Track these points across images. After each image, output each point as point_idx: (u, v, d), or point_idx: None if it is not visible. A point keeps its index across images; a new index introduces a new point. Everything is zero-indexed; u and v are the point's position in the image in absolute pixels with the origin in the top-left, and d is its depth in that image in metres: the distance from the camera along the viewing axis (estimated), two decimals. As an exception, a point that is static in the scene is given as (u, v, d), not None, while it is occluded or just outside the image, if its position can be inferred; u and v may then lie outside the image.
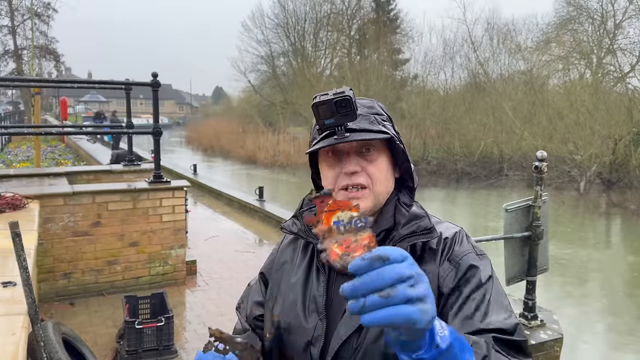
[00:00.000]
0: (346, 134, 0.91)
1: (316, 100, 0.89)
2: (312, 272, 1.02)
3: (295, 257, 1.07)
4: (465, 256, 0.97)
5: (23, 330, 1.92)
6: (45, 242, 4.27)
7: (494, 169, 18.67)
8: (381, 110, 1.02)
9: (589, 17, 23.75)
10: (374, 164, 0.97)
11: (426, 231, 0.97)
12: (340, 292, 0.66)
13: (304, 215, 1.04)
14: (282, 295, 1.04)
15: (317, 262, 1.01)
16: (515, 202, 3.39)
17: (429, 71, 26.38)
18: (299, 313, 0.98)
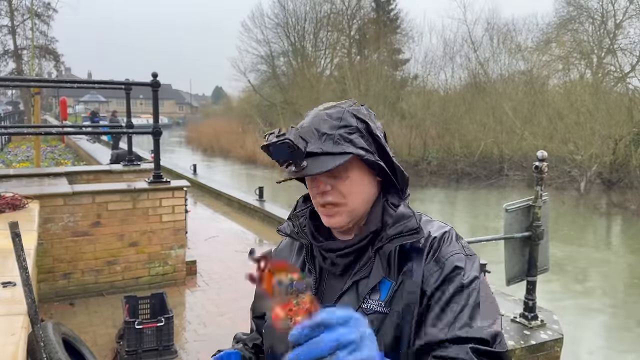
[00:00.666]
0: (303, 164, 0.92)
1: (263, 144, 0.91)
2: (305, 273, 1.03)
3: (291, 258, 1.09)
4: (451, 257, 0.96)
5: (23, 331, 1.92)
6: (45, 242, 4.26)
7: (494, 169, 18.67)
8: (352, 121, 0.97)
9: (589, 17, 23.75)
10: (343, 182, 0.97)
11: (412, 232, 0.97)
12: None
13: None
14: None
15: (307, 261, 1.05)
16: (515, 202, 3.39)
17: (429, 71, 26.38)
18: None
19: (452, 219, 13.44)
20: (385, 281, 0.96)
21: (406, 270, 0.95)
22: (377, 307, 0.94)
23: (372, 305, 0.95)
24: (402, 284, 0.95)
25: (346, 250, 1.00)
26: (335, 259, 1.00)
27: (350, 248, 1.00)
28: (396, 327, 0.93)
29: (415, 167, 19.35)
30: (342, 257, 1.00)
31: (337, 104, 1.01)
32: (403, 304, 0.94)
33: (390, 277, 0.96)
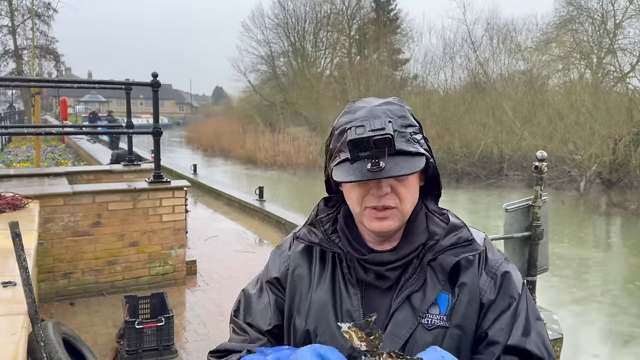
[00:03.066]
0: (381, 164, 0.83)
1: (351, 137, 0.82)
2: (338, 285, 0.96)
3: (312, 267, 1.00)
4: (500, 266, 0.97)
5: (23, 330, 1.92)
6: (46, 242, 4.27)
7: (494, 169, 18.67)
8: (413, 119, 0.94)
9: (589, 17, 23.74)
10: (404, 184, 0.91)
11: (467, 243, 0.96)
12: None
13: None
14: (307, 308, 0.97)
15: (346, 273, 0.95)
16: (515, 202, 3.39)
17: (429, 71, 26.40)
18: (333, 329, 0.92)
19: (452, 219, 13.45)
20: (442, 294, 0.93)
21: (461, 283, 0.93)
22: (439, 322, 0.91)
23: (434, 320, 0.91)
24: (459, 296, 0.92)
25: (398, 263, 0.93)
26: (385, 272, 0.93)
27: (402, 260, 0.94)
28: (457, 340, 0.92)
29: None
30: (393, 270, 0.93)
31: (385, 100, 0.93)
32: (461, 317, 0.92)
33: (446, 290, 0.93)
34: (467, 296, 0.93)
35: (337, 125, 0.94)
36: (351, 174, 0.86)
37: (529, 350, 0.89)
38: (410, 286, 0.93)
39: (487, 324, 0.93)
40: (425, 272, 0.93)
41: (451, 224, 0.99)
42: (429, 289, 0.92)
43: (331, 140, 0.95)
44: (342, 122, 0.92)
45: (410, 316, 0.91)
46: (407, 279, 0.93)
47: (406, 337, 0.90)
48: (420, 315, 0.91)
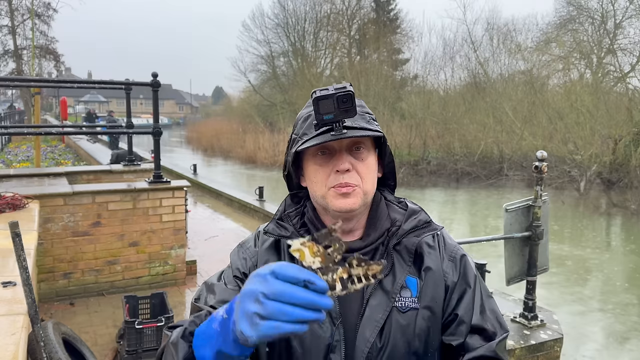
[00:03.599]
0: (344, 131, 0.90)
1: (317, 95, 0.87)
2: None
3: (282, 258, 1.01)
4: (458, 250, 1.05)
5: (23, 330, 1.92)
6: (45, 242, 4.27)
7: (494, 169, 18.66)
8: (369, 110, 1.03)
9: (589, 17, 23.75)
10: (364, 163, 0.96)
11: (426, 224, 1.02)
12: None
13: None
14: None
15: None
16: (515, 202, 3.39)
17: (429, 71, 26.39)
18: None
19: (452, 219, 13.44)
20: (411, 279, 0.98)
21: (426, 267, 0.99)
22: (411, 304, 0.96)
23: (407, 302, 0.96)
24: (426, 279, 0.98)
25: (367, 249, 0.99)
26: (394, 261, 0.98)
27: (371, 246, 0.99)
28: (428, 321, 0.97)
29: (415, 167, 19.36)
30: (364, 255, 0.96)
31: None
32: (430, 299, 0.98)
33: (413, 274, 0.98)
34: (433, 279, 0.99)
35: (300, 115, 1.01)
36: (315, 139, 0.92)
37: (485, 328, 0.98)
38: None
39: (453, 305, 0.99)
40: (392, 256, 0.99)
41: (410, 209, 1.05)
42: (398, 271, 0.97)
43: (293, 132, 1.01)
44: (306, 111, 1.00)
45: (385, 300, 0.95)
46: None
47: (383, 320, 0.94)
48: (393, 297, 0.95)
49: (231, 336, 0.71)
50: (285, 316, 0.65)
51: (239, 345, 0.71)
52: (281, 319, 0.65)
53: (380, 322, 0.94)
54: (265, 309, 0.65)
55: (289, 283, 0.66)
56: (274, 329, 0.65)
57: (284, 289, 0.65)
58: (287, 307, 0.65)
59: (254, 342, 0.67)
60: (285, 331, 0.65)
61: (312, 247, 0.71)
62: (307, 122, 0.97)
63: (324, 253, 0.71)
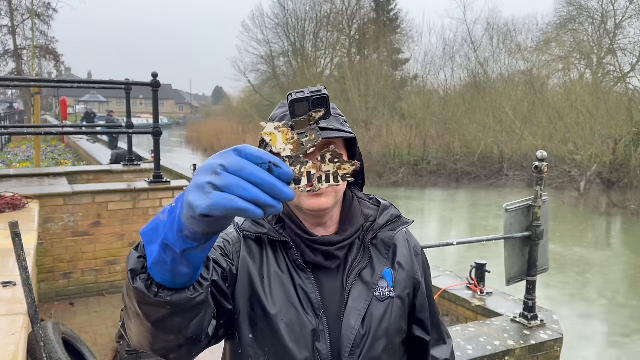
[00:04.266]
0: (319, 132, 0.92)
1: (292, 97, 0.87)
2: (292, 270, 1.01)
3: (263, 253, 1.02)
4: (418, 245, 1.15)
5: (23, 330, 1.92)
6: (45, 242, 4.27)
7: (494, 169, 18.66)
8: (341, 112, 1.07)
9: (589, 17, 23.75)
10: None
11: (397, 218, 1.10)
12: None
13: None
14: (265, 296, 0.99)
15: (296, 258, 1.01)
16: (515, 202, 3.39)
17: (429, 71, 26.39)
18: (298, 310, 0.99)
19: (451, 219, 13.44)
20: (386, 270, 1.06)
21: (399, 261, 1.08)
22: (389, 293, 1.04)
23: (385, 292, 1.04)
24: (398, 271, 1.07)
25: (345, 243, 1.03)
26: (334, 252, 1.02)
27: (348, 240, 1.04)
28: (401, 309, 1.06)
29: (415, 167, 19.36)
30: (341, 249, 1.03)
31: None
32: (402, 290, 1.07)
33: (388, 266, 1.07)
34: (405, 271, 1.08)
35: (274, 115, 1.03)
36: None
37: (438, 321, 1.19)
38: (358, 264, 1.03)
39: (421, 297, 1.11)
40: (369, 250, 1.05)
41: (382, 205, 1.11)
42: (376, 264, 1.05)
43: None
44: (280, 111, 1.02)
45: (365, 290, 1.02)
46: (354, 259, 1.04)
47: (365, 309, 1.01)
48: (373, 288, 1.02)
49: (177, 224, 0.63)
50: (242, 191, 0.57)
51: (183, 237, 0.63)
52: (237, 193, 0.57)
53: (363, 311, 1.00)
54: (222, 179, 0.58)
55: (252, 163, 0.60)
56: (227, 201, 0.57)
57: (245, 165, 0.59)
58: (245, 183, 0.58)
59: (201, 212, 0.58)
60: (239, 207, 0.57)
61: (285, 132, 0.65)
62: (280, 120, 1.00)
63: (297, 141, 0.65)
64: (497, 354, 3.03)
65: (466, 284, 4.09)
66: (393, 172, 18.30)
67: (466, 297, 3.91)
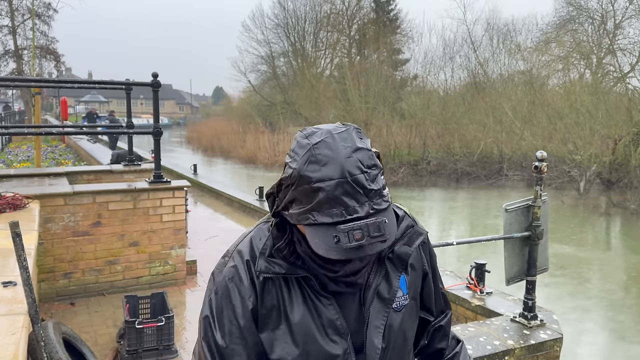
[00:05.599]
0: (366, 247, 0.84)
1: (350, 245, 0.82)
2: (310, 301, 0.97)
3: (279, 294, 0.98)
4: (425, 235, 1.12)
5: (23, 330, 1.92)
6: (46, 242, 4.27)
7: (494, 169, 18.66)
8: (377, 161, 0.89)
9: (588, 17, 23.75)
10: None
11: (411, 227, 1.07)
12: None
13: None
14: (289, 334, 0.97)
15: (318, 290, 0.97)
16: (515, 202, 3.40)
17: (429, 71, 26.37)
18: (319, 341, 0.96)
19: (451, 219, 13.45)
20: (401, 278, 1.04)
21: (411, 264, 1.07)
22: (404, 301, 1.04)
23: (401, 302, 1.03)
24: (411, 274, 1.07)
25: (365, 269, 0.99)
26: (357, 280, 0.98)
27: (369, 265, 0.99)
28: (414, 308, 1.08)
29: (415, 167, 19.36)
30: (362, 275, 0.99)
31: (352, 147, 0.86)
32: (414, 290, 1.08)
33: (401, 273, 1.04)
34: (415, 271, 1.08)
35: (304, 175, 0.85)
36: (332, 249, 0.84)
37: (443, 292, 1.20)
38: (374, 280, 1.00)
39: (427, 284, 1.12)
40: (384, 264, 1.02)
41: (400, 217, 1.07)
42: (392, 278, 1.02)
43: (293, 186, 0.88)
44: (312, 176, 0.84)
45: (383, 306, 1.00)
46: (370, 275, 1.01)
47: (384, 325, 1.00)
48: (390, 304, 1.01)
49: None
50: None
51: None
52: None
53: (382, 327, 0.99)
54: None
55: None
56: None
57: None
58: None
59: None
60: None
61: None
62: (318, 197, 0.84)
63: None
64: (497, 354, 3.04)
65: (466, 283, 4.09)
66: (393, 172, 18.30)
67: (466, 296, 3.91)
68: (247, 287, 0.97)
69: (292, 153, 0.90)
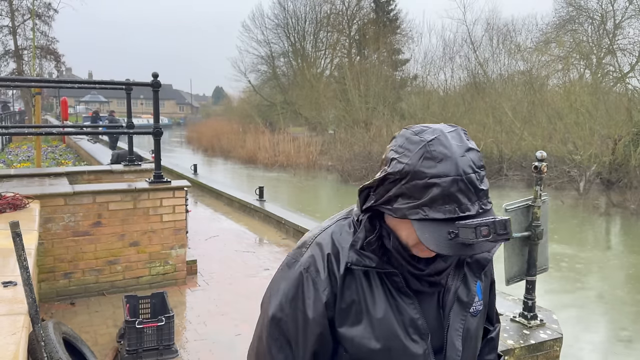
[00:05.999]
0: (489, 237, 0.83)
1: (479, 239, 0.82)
2: (392, 298, 0.97)
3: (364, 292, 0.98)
4: None
5: (24, 330, 1.92)
6: (46, 242, 4.27)
7: (494, 169, 18.66)
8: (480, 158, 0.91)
9: (588, 18, 23.76)
10: None
11: None
12: None
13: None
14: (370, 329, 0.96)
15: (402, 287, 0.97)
16: (515, 202, 3.40)
17: (429, 71, 26.39)
18: (402, 339, 0.96)
19: (452, 219, 13.42)
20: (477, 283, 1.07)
21: (485, 270, 1.08)
22: (479, 307, 1.06)
23: (477, 307, 1.05)
24: (484, 281, 1.10)
25: (449, 269, 1.00)
26: (440, 280, 0.99)
27: (452, 265, 1.01)
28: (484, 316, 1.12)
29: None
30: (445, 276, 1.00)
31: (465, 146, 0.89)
32: (486, 297, 1.11)
33: (478, 279, 1.07)
34: (487, 278, 1.12)
35: (418, 170, 0.86)
36: (444, 244, 0.85)
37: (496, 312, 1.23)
38: (453, 283, 1.02)
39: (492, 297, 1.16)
40: (463, 269, 1.03)
41: None
42: (470, 282, 1.04)
43: (403, 181, 0.88)
44: (427, 172, 0.86)
45: (462, 310, 1.02)
46: (447, 278, 1.02)
47: (462, 329, 1.02)
48: (468, 308, 1.03)
49: None
50: None
51: None
52: None
53: (461, 330, 1.02)
54: None
55: None
56: None
57: None
58: None
59: None
60: None
61: None
62: (431, 193, 0.85)
63: None
64: (497, 354, 3.04)
65: (466, 283, 4.09)
66: (393, 172, 18.29)
67: (466, 296, 3.91)
68: (323, 280, 0.97)
69: (400, 149, 0.91)
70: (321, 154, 23.18)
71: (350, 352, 0.97)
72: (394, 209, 0.90)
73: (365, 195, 0.97)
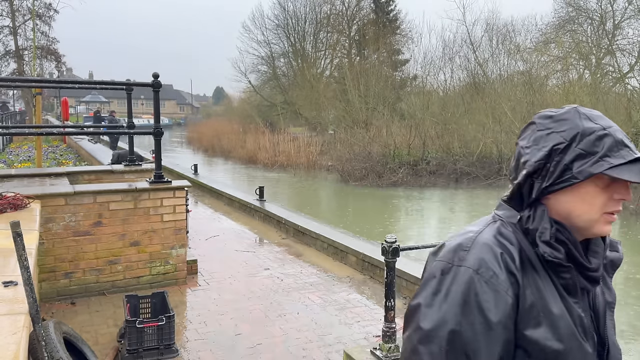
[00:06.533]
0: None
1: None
2: (561, 296, 0.94)
3: (540, 290, 0.93)
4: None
5: (24, 330, 1.93)
6: (47, 242, 4.29)
7: (493, 169, 18.67)
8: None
9: (588, 18, 23.78)
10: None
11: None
12: None
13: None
14: (550, 327, 0.92)
15: (570, 284, 0.94)
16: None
17: (429, 72, 26.40)
18: (579, 338, 0.93)
19: (451, 219, 13.46)
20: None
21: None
22: (614, 305, 1.07)
23: (613, 305, 1.07)
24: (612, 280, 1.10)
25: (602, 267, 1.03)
26: (599, 278, 0.99)
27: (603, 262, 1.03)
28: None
29: (414, 167, 19.36)
30: (602, 272, 1.01)
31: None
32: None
33: (611, 277, 1.09)
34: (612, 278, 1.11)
35: (586, 128, 0.95)
36: (627, 170, 0.90)
37: None
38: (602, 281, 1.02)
39: None
40: (604, 269, 1.04)
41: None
42: (608, 281, 1.06)
43: (574, 144, 0.94)
44: (594, 126, 0.95)
45: (609, 309, 1.04)
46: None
47: (613, 327, 1.04)
48: (613, 306, 1.04)
49: None
50: None
51: None
52: None
53: (613, 329, 1.04)
54: None
55: None
56: None
57: None
58: None
59: None
60: None
61: None
62: (609, 144, 0.92)
63: None
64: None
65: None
66: (393, 172, 18.31)
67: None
68: (503, 280, 0.90)
69: (551, 124, 1.01)
70: (321, 154, 23.18)
71: (533, 356, 0.91)
72: (576, 174, 0.91)
73: (529, 186, 0.99)
